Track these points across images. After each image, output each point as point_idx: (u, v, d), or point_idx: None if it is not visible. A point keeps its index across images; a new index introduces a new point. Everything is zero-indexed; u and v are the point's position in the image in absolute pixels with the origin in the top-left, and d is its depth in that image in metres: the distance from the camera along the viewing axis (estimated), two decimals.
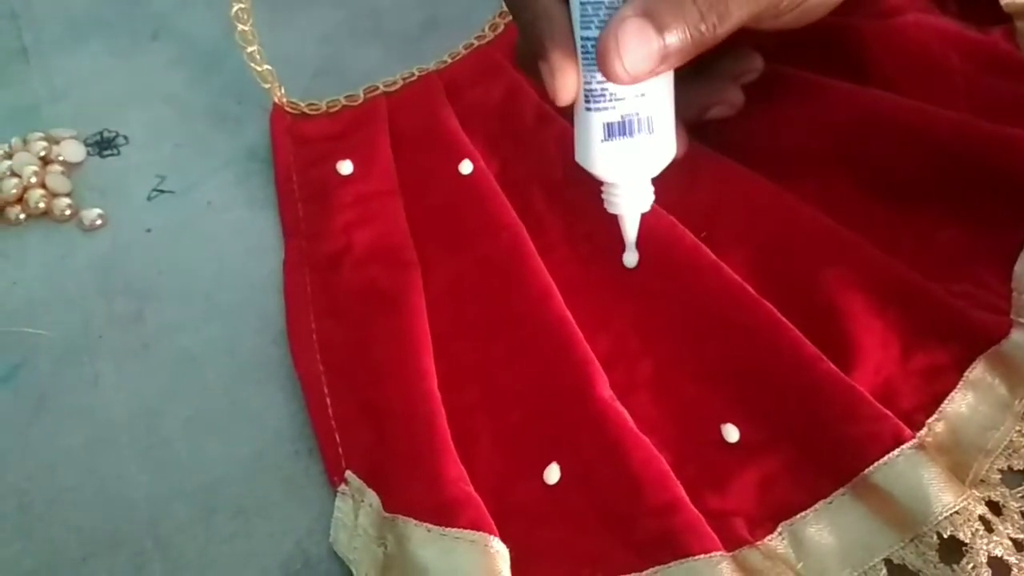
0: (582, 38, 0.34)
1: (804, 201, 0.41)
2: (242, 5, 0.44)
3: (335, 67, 0.48)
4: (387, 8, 0.50)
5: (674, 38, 0.32)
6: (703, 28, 0.32)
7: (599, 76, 0.33)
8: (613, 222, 0.41)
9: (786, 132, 0.42)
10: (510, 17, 0.48)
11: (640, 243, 0.40)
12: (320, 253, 0.40)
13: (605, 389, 0.35)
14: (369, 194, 0.41)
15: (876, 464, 0.33)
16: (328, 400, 0.37)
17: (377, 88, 0.46)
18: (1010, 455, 0.36)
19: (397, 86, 0.46)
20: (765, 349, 0.36)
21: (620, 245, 0.40)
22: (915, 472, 0.33)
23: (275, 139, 0.44)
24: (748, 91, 0.43)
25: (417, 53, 0.48)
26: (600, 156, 0.36)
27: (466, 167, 0.41)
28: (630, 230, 0.38)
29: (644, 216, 0.40)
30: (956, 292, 0.39)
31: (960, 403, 0.36)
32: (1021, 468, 0.36)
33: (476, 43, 0.47)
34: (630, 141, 0.35)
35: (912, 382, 0.37)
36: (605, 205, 0.38)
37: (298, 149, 0.44)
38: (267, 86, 0.45)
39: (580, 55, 0.34)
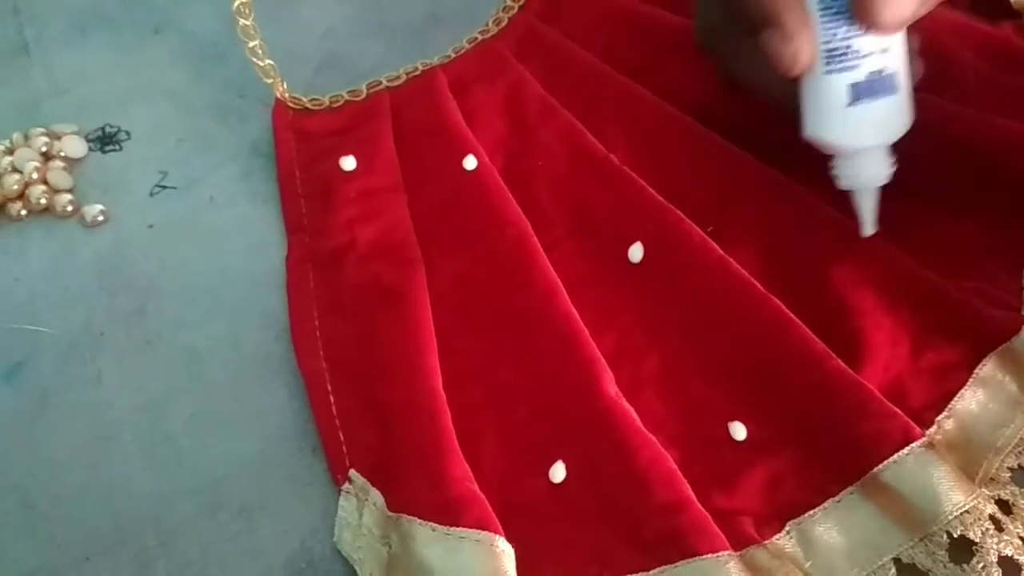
0: None
1: (814, 194, 0.41)
2: (244, 0, 0.44)
3: (338, 62, 0.48)
4: (390, 3, 0.50)
5: None
6: None
7: (842, 32, 0.32)
8: (618, 215, 0.40)
9: (788, 125, 0.42)
10: (514, 11, 0.47)
11: (647, 238, 0.40)
12: (323, 249, 0.40)
13: (611, 386, 0.35)
14: (372, 190, 0.41)
15: (886, 463, 0.33)
16: (332, 398, 0.37)
17: (380, 83, 0.45)
18: (1020, 453, 0.36)
19: (400, 80, 0.45)
20: (773, 346, 0.36)
21: (626, 238, 0.40)
22: (925, 471, 0.33)
23: (277, 134, 0.44)
24: None
25: (421, 47, 0.47)
26: (845, 122, 0.33)
27: (470, 162, 0.41)
28: (869, 206, 0.35)
29: (650, 210, 0.40)
30: (968, 289, 0.39)
31: (970, 400, 0.36)
32: None
33: (480, 37, 0.47)
34: (877, 102, 0.33)
35: (922, 380, 0.36)
36: (839, 181, 0.35)
37: (301, 144, 0.43)
38: (269, 81, 0.44)
39: (819, 12, 0.32)
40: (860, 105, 0.33)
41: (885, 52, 0.33)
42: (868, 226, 0.36)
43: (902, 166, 0.40)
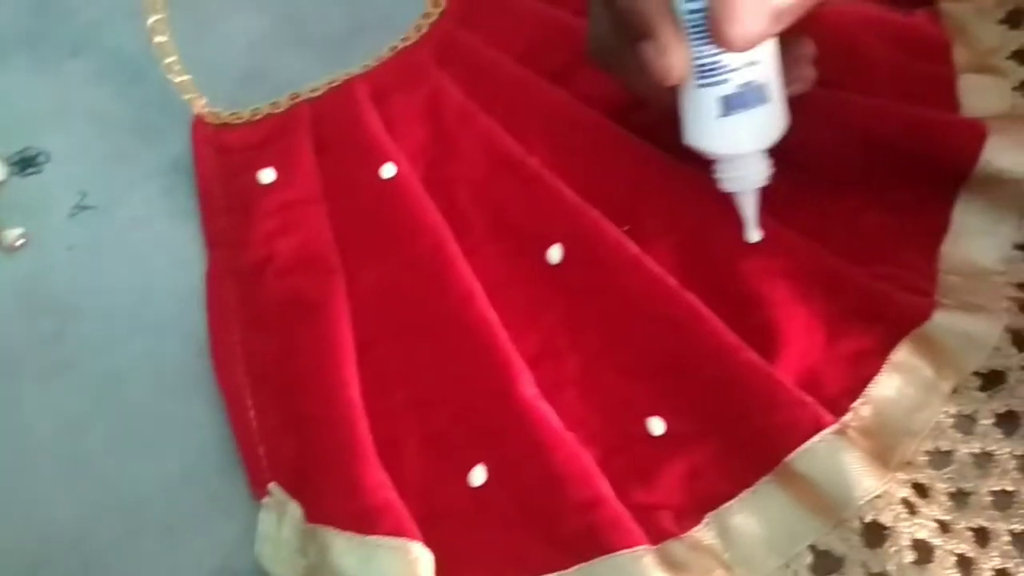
0: (689, 11, 0.33)
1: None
2: (159, 16, 0.44)
3: (260, 74, 0.48)
4: (312, 13, 0.50)
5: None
6: None
7: (708, 49, 0.33)
8: (537, 217, 0.41)
9: None
10: (434, 17, 0.48)
11: (565, 239, 0.40)
12: (243, 263, 0.40)
13: (528, 388, 0.36)
14: (291, 202, 0.41)
15: (797, 451, 0.34)
16: (252, 412, 0.37)
17: (301, 94, 0.46)
18: (937, 436, 0.36)
19: (321, 92, 0.46)
20: (687, 341, 0.37)
21: (545, 240, 0.40)
22: (835, 457, 0.34)
23: (197, 150, 0.44)
24: None
25: (342, 57, 0.47)
26: (718, 132, 0.35)
27: (388, 171, 0.41)
28: (751, 207, 0.37)
29: (568, 211, 0.40)
30: (882, 275, 0.39)
31: (886, 386, 0.37)
32: (948, 449, 0.36)
33: (401, 45, 0.47)
34: (748, 113, 0.34)
35: (838, 367, 0.37)
36: (720, 184, 0.37)
37: (220, 159, 0.44)
38: (187, 97, 0.44)
39: (689, 29, 0.33)
40: (732, 116, 0.34)
41: (753, 65, 0.34)
42: (752, 228, 0.38)
43: (813, 157, 0.41)
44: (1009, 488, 0.35)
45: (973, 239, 0.40)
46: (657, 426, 0.36)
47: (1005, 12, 0.46)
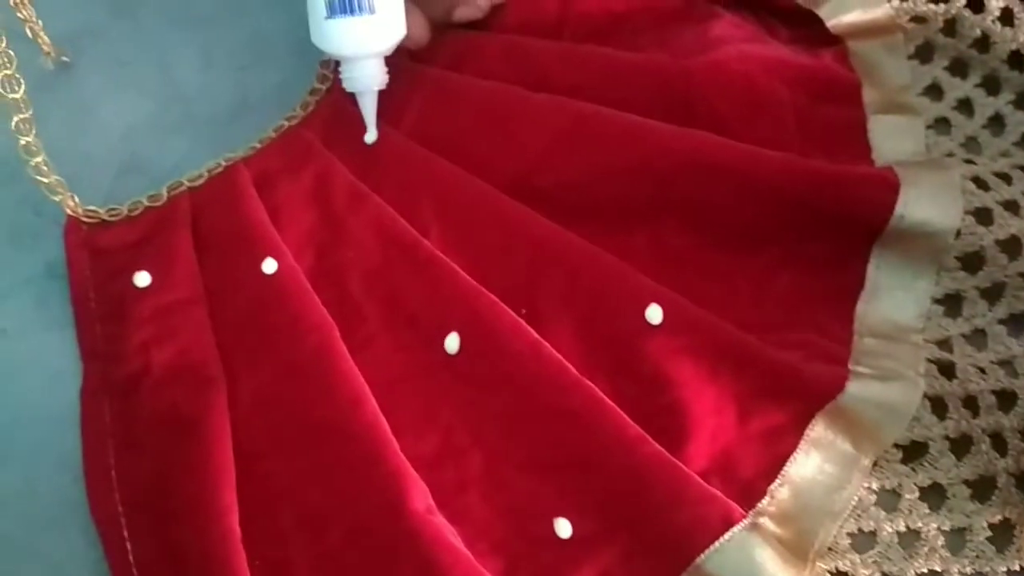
0: None
1: (632, 255, 0.40)
2: (23, 116, 0.42)
3: (140, 163, 0.46)
4: (196, 92, 0.48)
5: None
6: None
7: None
8: (432, 304, 0.39)
9: (608, 181, 0.41)
10: (321, 93, 0.46)
11: (462, 327, 0.38)
12: (118, 377, 0.38)
13: (420, 502, 0.34)
14: (168, 306, 0.39)
15: (707, 551, 0.32)
16: (128, 544, 0.35)
17: (182, 184, 0.43)
18: (859, 516, 0.35)
19: (202, 180, 0.43)
20: (589, 435, 0.35)
21: (442, 328, 0.39)
22: (748, 556, 0.32)
23: (70, 254, 0.42)
24: (559, 136, 0.42)
25: (227, 139, 0.45)
26: (327, 33, 0.41)
27: (269, 266, 0.39)
28: (368, 106, 0.42)
29: (464, 296, 0.39)
30: (795, 342, 0.38)
31: (803, 464, 0.35)
32: (872, 529, 0.35)
33: (287, 124, 0.45)
34: (353, 19, 0.40)
35: (751, 447, 0.36)
36: (343, 84, 0.42)
37: (95, 262, 0.41)
38: (58, 198, 0.42)
39: None
40: (337, 20, 0.40)
41: None
42: (371, 128, 0.43)
43: (719, 214, 0.40)
44: (937, 568, 0.34)
45: (889, 295, 0.39)
46: (564, 528, 0.34)
47: (914, 47, 0.45)
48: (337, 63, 0.44)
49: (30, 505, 0.37)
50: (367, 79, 0.42)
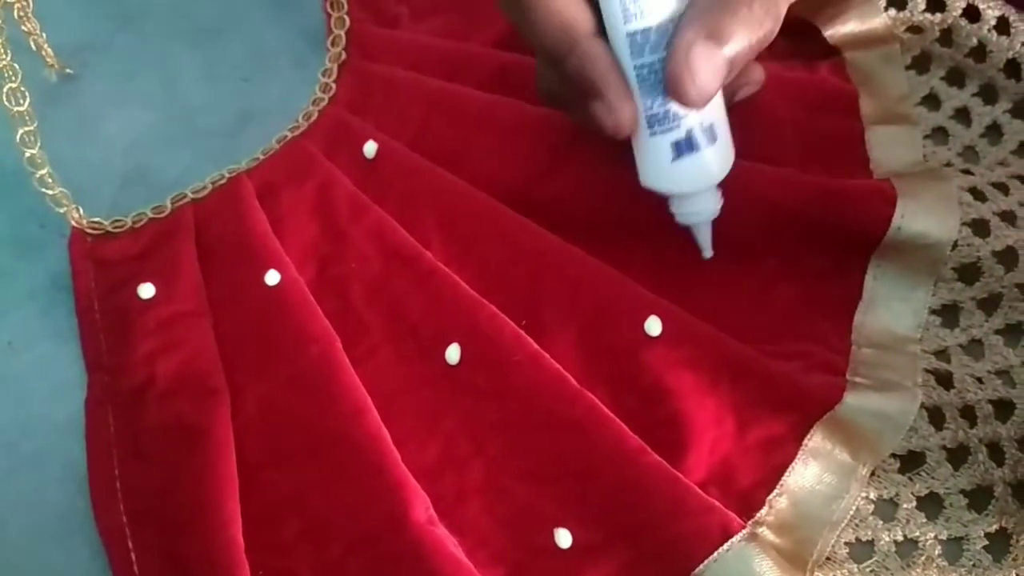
0: (637, 67, 0.34)
1: (632, 267, 0.40)
2: (28, 128, 0.42)
3: (144, 174, 0.46)
4: (199, 104, 0.48)
5: (737, 48, 0.33)
6: (762, 33, 0.34)
7: (659, 100, 0.34)
8: (433, 315, 0.40)
9: (607, 197, 0.41)
10: (324, 103, 0.46)
11: (463, 338, 0.39)
12: (123, 388, 0.39)
13: (422, 513, 0.34)
14: (172, 317, 0.40)
15: (706, 562, 0.33)
16: (133, 555, 0.35)
17: (185, 196, 0.44)
18: (857, 525, 0.35)
19: (206, 191, 0.44)
20: (589, 445, 0.35)
21: (443, 339, 0.39)
22: (746, 566, 0.33)
23: (74, 265, 0.42)
24: (561, 148, 0.42)
25: (231, 151, 0.46)
26: (672, 175, 0.37)
27: (272, 278, 0.40)
28: (705, 237, 0.40)
29: (465, 308, 0.39)
30: (793, 353, 0.38)
31: (801, 474, 0.36)
32: (869, 539, 0.35)
33: (290, 135, 0.46)
34: (698, 155, 0.36)
35: (750, 457, 0.36)
36: (676, 219, 0.39)
37: (99, 274, 0.42)
38: (62, 210, 0.43)
39: (636, 83, 0.34)
40: (684, 159, 0.36)
41: (698, 113, 0.36)
42: (707, 251, 0.40)
43: (718, 230, 0.40)
44: None
45: (887, 306, 0.39)
46: (564, 538, 0.35)
47: (911, 57, 0.46)
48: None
49: (35, 516, 0.37)
50: (707, 207, 0.38)
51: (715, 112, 0.36)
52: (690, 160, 0.36)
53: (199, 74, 0.50)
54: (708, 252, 0.40)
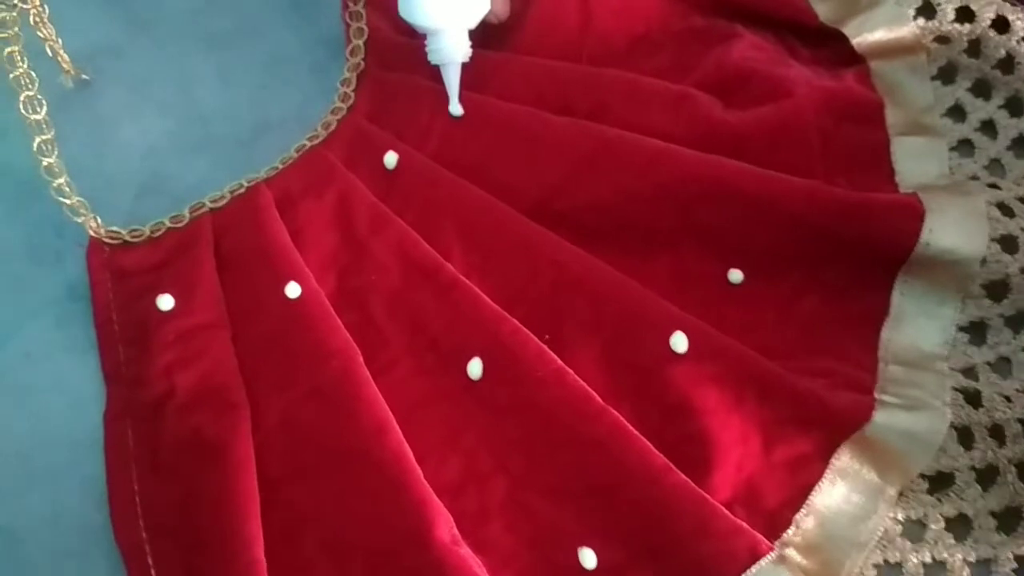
0: None
1: (655, 280, 0.40)
2: (45, 137, 0.42)
3: (161, 183, 0.46)
4: (216, 112, 0.48)
5: None
6: None
7: None
8: (455, 329, 0.39)
9: (631, 206, 0.41)
10: (343, 112, 0.46)
11: (485, 352, 0.38)
12: (142, 401, 0.39)
13: (445, 532, 0.34)
14: (192, 329, 0.40)
15: None
16: (153, 572, 0.35)
17: (204, 205, 0.44)
18: (885, 547, 0.35)
19: (224, 201, 0.44)
20: (614, 463, 0.35)
21: (464, 353, 0.39)
22: None
23: (93, 276, 0.42)
24: (581, 160, 0.42)
25: (248, 159, 0.46)
26: (417, 5, 0.42)
27: (293, 290, 0.40)
28: (452, 78, 0.44)
29: (487, 322, 0.39)
30: (819, 369, 0.38)
31: (828, 494, 0.36)
32: (897, 560, 0.35)
33: (308, 144, 0.45)
34: None
35: (777, 476, 0.36)
36: (428, 56, 0.43)
37: (118, 284, 0.42)
38: (80, 220, 0.42)
39: None
40: None
41: None
42: (455, 101, 0.44)
43: (743, 242, 0.40)
44: None
45: (914, 322, 0.39)
46: (589, 558, 0.35)
47: (937, 68, 0.45)
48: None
49: (54, 531, 0.37)
50: (455, 51, 0.43)
51: None
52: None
53: (216, 80, 0.49)
54: (456, 103, 0.44)
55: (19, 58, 0.42)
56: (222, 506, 0.35)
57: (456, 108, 0.44)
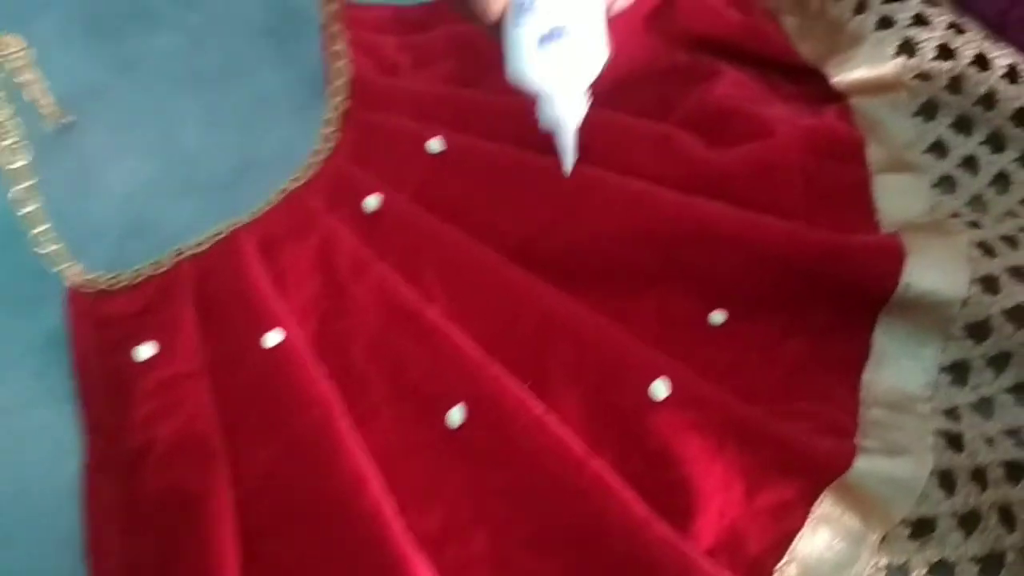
0: None
1: (637, 323, 0.40)
2: (25, 184, 0.42)
3: (144, 227, 0.46)
4: (199, 154, 0.48)
5: None
6: None
7: None
8: (436, 376, 0.39)
9: (613, 248, 0.42)
10: (325, 154, 0.46)
11: (466, 400, 0.38)
12: (121, 452, 0.39)
13: None
14: (172, 379, 0.40)
15: None
16: None
17: (184, 250, 0.44)
18: None
19: (206, 246, 0.44)
20: (596, 514, 0.35)
21: (445, 401, 0.39)
22: None
23: (73, 324, 0.42)
24: (565, 201, 0.42)
25: (231, 201, 0.46)
26: (534, 67, 0.38)
27: (272, 339, 0.40)
28: (568, 140, 0.40)
29: (468, 369, 0.39)
30: (801, 412, 0.38)
31: (810, 541, 0.35)
32: None
33: (291, 187, 0.45)
34: (561, 51, 0.37)
35: (759, 522, 0.36)
36: (540, 122, 0.40)
37: (98, 333, 0.42)
38: (60, 268, 0.42)
39: None
40: (546, 52, 0.37)
41: (567, 9, 0.37)
42: (569, 165, 0.41)
43: (726, 285, 0.40)
44: None
45: (896, 364, 0.39)
46: None
47: (918, 104, 0.46)
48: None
49: None
50: (573, 112, 0.39)
51: (584, 14, 0.38)
52: (552, 54, 0.37)
53: (199, 121, 0.50)
54: (570, 162, 0.41)
55: (1, 105, 0.42)
56: (201, 560, 0.35)
57: (570, 167, 0.41)
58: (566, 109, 0.39)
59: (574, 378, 0.38)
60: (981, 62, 0.44)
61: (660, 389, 0.37)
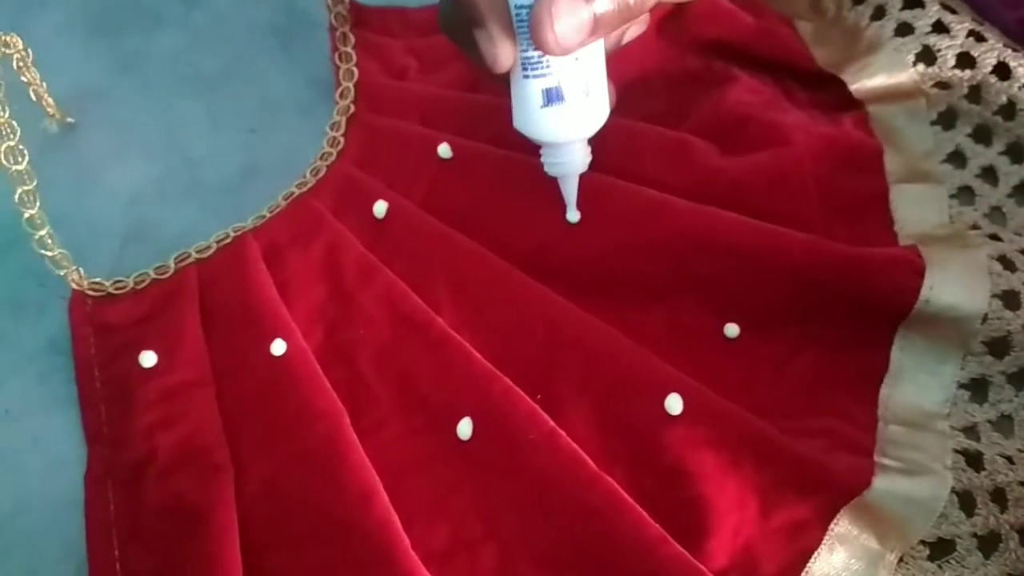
0: (516, 7, 0.36)
1: (649, 335, 0.40)
2: (27, 188, 0.41)
3: (147, 230, 0.45)
4: (203, 157, 0.48)
5: (604, 8, 0.34)
6: (632, 1, 0.35)
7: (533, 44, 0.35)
8: (445, 387, 0.39)
9: (624, 258, 0.41)
10: (332, 158, 0.46)
11: (475, 412, 0.38)
12: (123, 463, 0.38)
13: None
14: (175, 388, 0.39)
15: None
16: None
17: (189, 255, 0.43)
18: None
19: (211, 251, 0.43)
20: (607, 532, 0.35)
21: (454, 413, 0.38)
22: None
23: (75, 331, 0.41)
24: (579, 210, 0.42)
25: (236, 205, 0.45)
26: (540, 121, 0.38)
27: (278, 347, 0.39)
28: (571, 191, 0.41)
29: (477, 380, 0.38)
30: (817, 429, 0.38)
31: (827, 560, 0.35)
32: None
33: (297, 192, 0.45)
34: (567, 105, 0.37)
35: (774, 541, 0.35)
36: (545, 168, 0.40)
37: (100, 340, 0.41)
38: (62, 272, 0.42)
39: (516, 24, 0.36)
40: (553, 107, 0.38)
41: (576, 62, 0.37)
42: (573, 209, 0.42)
43: (739, 296, 0.39)
44: None
45: (914, 380, 0.39)
46: None
47: (937, 113, 0.45)
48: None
49: None
50: (576, 162, 0.40)
51: (590, 70, 0.38)
52: (559, 109, 0.37)
53: (203, 124, 0.49)
54: (574, 210, 0.41)
55: (1, 108, 0.42)
56: (204, 574, 0.34)
57: (574, 215, 0.41)
58: (570, 158, 0.39)
59: (584, 392, 0.38)
60: (1002, 71, 0.44)
61: (674, 404, 0.37)
